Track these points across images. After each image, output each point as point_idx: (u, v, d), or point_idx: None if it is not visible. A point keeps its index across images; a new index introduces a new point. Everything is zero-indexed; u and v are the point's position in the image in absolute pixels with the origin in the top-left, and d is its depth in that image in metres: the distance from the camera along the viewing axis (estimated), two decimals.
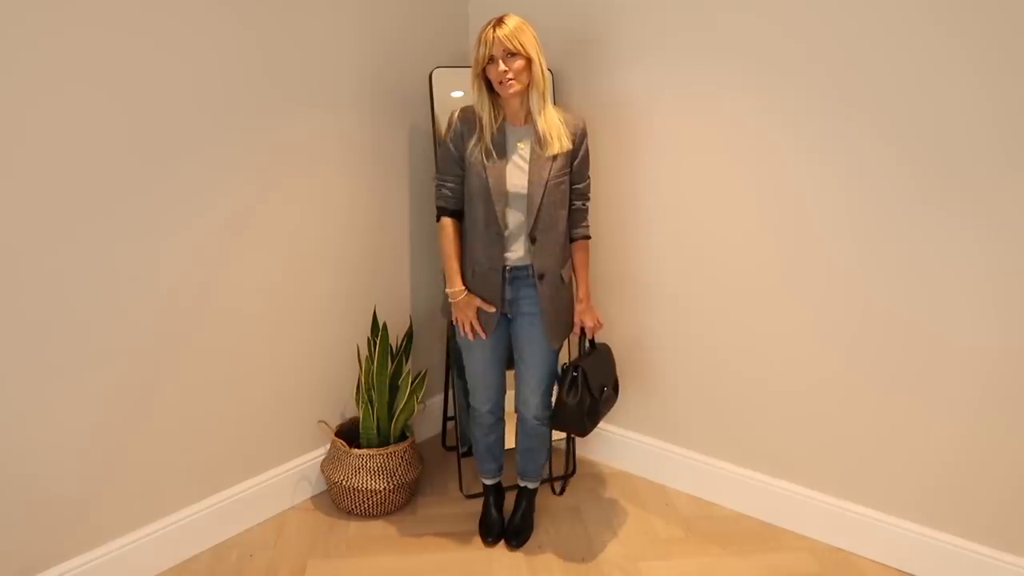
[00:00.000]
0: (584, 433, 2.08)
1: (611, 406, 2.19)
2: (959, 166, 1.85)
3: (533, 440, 2.23)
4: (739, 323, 2.33)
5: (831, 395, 2.18)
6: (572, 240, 2.09)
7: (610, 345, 2.25)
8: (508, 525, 2.28)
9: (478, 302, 2.01)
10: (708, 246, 2.34)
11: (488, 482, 2.34)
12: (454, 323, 2.09)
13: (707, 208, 2.32)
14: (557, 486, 2.36)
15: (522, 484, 2.33)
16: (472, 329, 2.03)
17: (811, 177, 2.09)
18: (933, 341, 1.97)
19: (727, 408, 2.42)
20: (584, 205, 2.10)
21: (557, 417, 2.08)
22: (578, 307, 2.11)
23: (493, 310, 2.01)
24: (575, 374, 2.02)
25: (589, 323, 2.11)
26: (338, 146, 2.39)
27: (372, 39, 2.44)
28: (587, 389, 2.03)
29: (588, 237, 2.12)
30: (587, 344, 2.16)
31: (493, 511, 2.32)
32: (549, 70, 2.50)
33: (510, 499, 2.39)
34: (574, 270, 2.12)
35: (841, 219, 2.06)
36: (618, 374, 2.24)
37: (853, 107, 1.98)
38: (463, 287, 2.02)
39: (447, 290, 2.05)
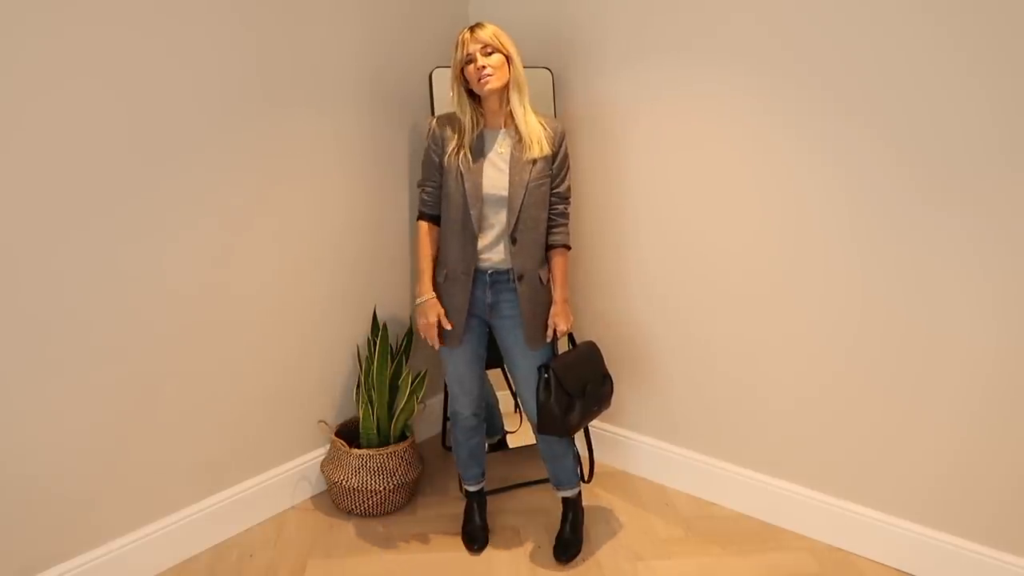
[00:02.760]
0: (566, 434, 2.05)
1: (604, 403, 2.15)
2: (959, 167, 1.85)
3: (552, 445, 2.16)
4: (739, 323, 2.33)
5: (831, 395, 2.18)
6: (550, 247, 2.06)
7: (610, 345, 2.24)
8: (558, 539, 2.22)
9: (440, 311, 2.01)
10: (708, 245, 2.34)
11: (472, 488, 2.31)
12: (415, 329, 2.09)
13: (708, 208, 2.32)
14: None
15: (560, 495, 2.25)
16: (434, 337, 2.02)
17: (811, 177, 2.09)
18: (933, 341, 1.97)
19: (727, 408, 2.42)
20: (565, 209, 2.08)
21: (538, 420, 2.05)
22: (552, 309, 2.06)
23: (450, 327, 2.01)
24: (546, 375, 2.00)
25: (562, 326, 2.06)
26: (338, 146, 2.40)
27: (372, 39, 2.44)
28: (561, 389, 2.00)
29: (567, 246, 2.09)
30: (568, 343, 2.15)
31: (476, 518, 2.29)
32: (548, 69, 2.51)
33: (492, 504, 2.39)
34: (551, 274, 2.08)
35: (841, 219, 2.06)
36: (611, 371, 2.19)
37: (853, 108, 1.98)
38: (431, 293, 2.03)
39: (419, 298, 2.04)
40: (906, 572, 2.11)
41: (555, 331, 2.06)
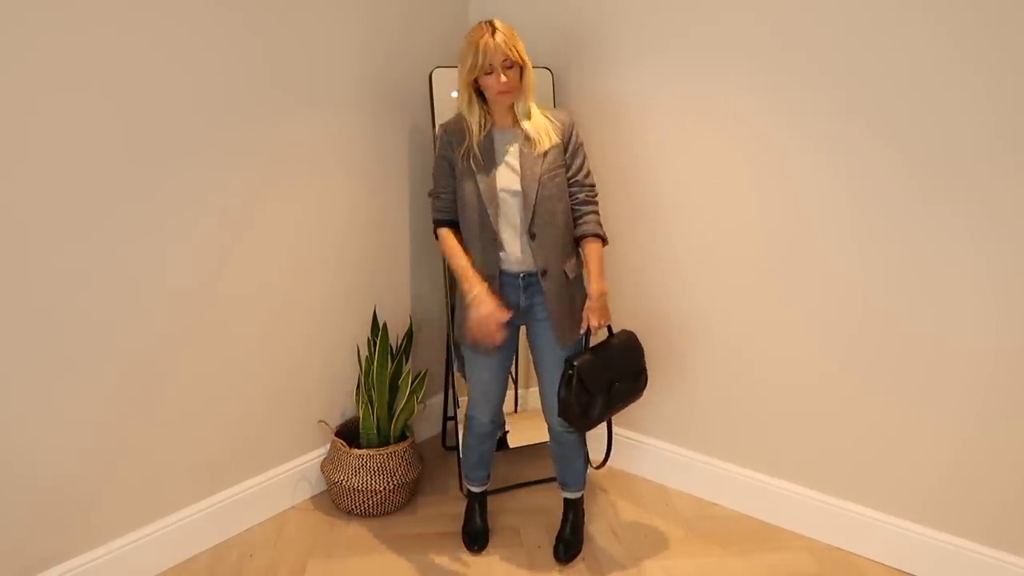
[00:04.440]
0: (584, 429, 2.01)
1: (632, 397, 2.07)
2: (961, 166, 1.85)
3: (564, 448, 2.15)
4: (739, 324, 2.33)
5: (831, 395, 2.18)
6: (581, 237, 1.99)
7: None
8: (558, 539, 2.22)
9: (495, 300, 1.91)
10: (707, 246, 2.34)
11: (475, 490, 2.30)
12: (464, 336, 2.02)
13: (709, 210, 2.32)
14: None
15: (565, 495, 2.24)
16: (494, 330, 1.90)
17: (815, 177, 2.09)
18: (934, 341, 1.97)
19: (727, 408, 2.42)
20: (589, 196, 2.01)
21: (558, 411, 1.98)
22: (587, 303, 1.98)
23: (508, 316, 1.91)
24: (570, 372, 1.92)
25: (593, 322, 1.97)
26: (338, 146, 2.40)
27: (372, 39, 2.44)
28: (583, 387, 1.92)
29: (598, 236, 1.99)
30: (606, 335, 2.08)
31: (477, 518, 2.29)
32: (548, 69, 2.52)
33: (492, 504, 2.39)
34: (585, 265, 2.00)
35: (845, 220, 2.06)
36: (645, 362, 2.09)
37: (856, 108, 1.98)
38: (482, 283, 1.92)
39: (470, 293, 1.92)
40: (906, 572, 2.11)
41: (588, 326, 1.98)
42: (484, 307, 1.91)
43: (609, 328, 2.07)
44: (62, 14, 1.68)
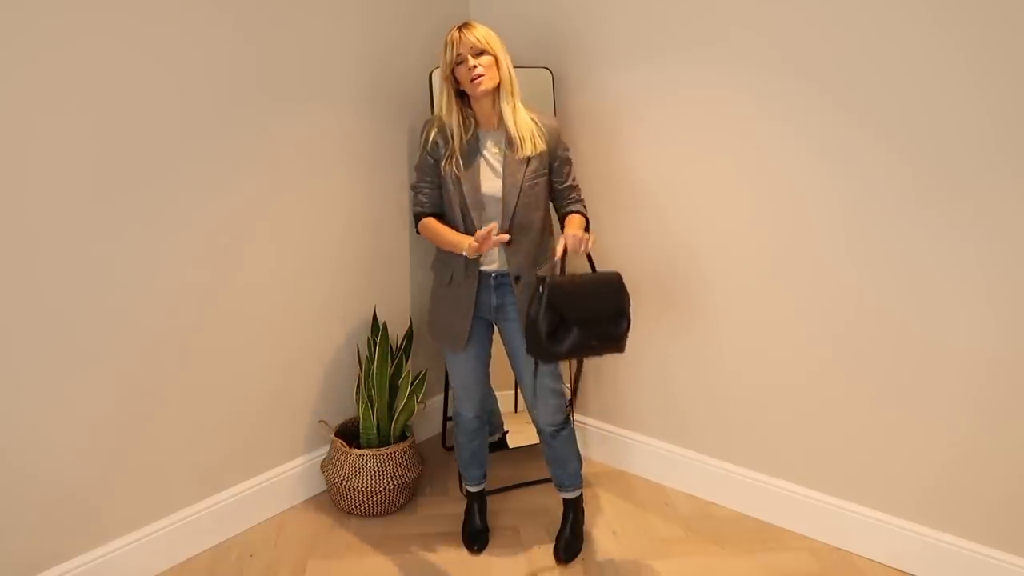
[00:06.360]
0: (545, 359, 1.87)
1: (611, 344, 1.91)
2: (955, 168, 1.85)
3: (555, 449, 2.15)
4: (739, 324, 2.33)
5: (831, 395, 2.18)
6: (566, 215, 2.04)
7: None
8: (557, 539, 2.22)
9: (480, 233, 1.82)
10: (705, 245, 2.34)
11: (473, 489, 2.31)
12: (434, 331, 2.11)
13: (704, 208, 2.32)
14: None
15: (562, 496, 2.23)
16: (491, 234, 1.81)
17: (806, 178, 2.09)
18: (931, 341, 1.97)
19: (727, 408, 2.42)
20: (577, 196, 2.07)
21: (525, 339, 1.88)
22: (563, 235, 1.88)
23: (503, 236, 1.85)
24: (540, 290, 1.80)
25: (569, 242, 1.84)
26: (338, 146, 2.40)
27: (372, 39, 2.44)
28: (551, 307, 1.79)
29: (584, 215, 2.04)
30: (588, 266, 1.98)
31: (477, 519, 2.29)
32: (548, 69, 2.52)
33: (492, 504, 2.39)
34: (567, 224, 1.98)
35: (840, 223, 2.06)
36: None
37: (850, 108, 1.98)
38: (468, 237, 1.87)
39: (463, 245, 1.86)
40: (906, 572, 2.11)
41: (564, 249, 1.85)
42: (476, 235, 1.83)
43: (592, 265, 1.97)
44: (75, 19, 1.68)
